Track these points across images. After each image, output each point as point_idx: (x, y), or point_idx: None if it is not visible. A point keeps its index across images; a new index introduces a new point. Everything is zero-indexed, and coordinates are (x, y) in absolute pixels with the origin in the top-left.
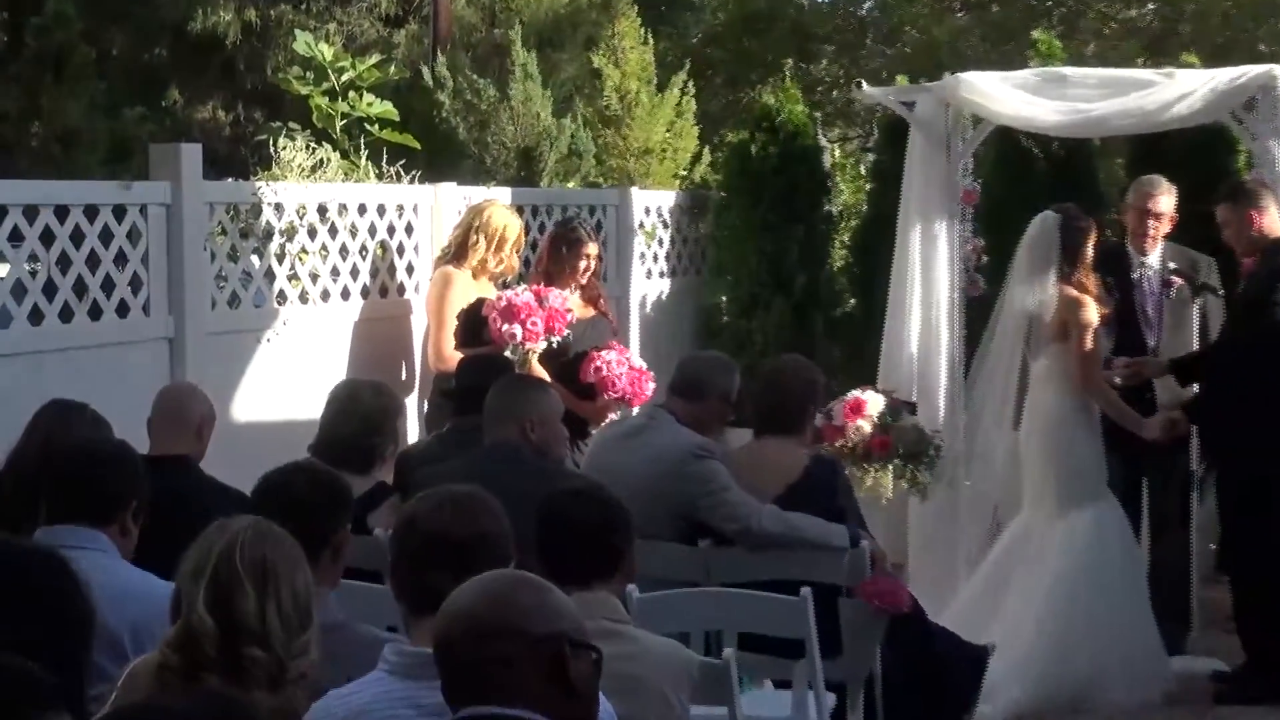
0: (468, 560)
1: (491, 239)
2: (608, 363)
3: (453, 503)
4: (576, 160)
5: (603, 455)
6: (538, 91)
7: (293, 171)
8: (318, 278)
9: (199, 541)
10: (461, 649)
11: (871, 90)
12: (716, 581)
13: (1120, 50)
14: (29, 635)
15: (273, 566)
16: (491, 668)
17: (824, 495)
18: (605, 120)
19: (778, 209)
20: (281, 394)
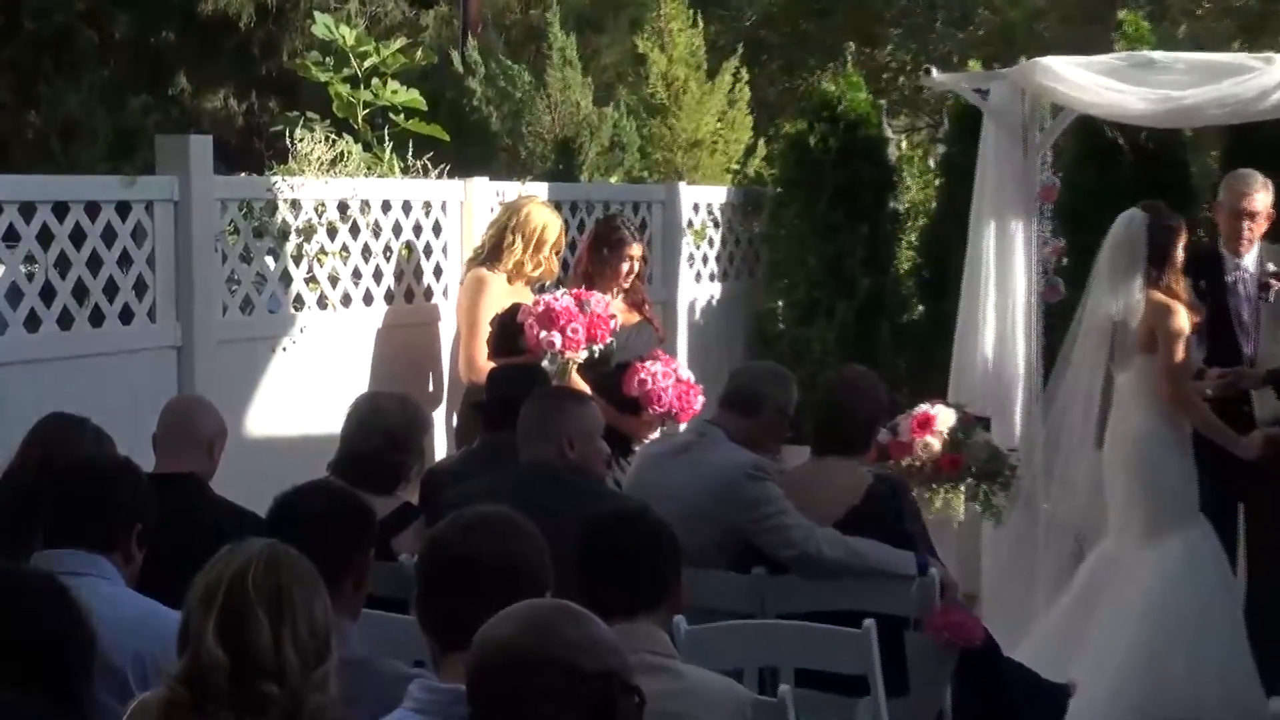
0: (501, 588)
1: (529, 239)
2: (653, 374)
3: (484, 525)
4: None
5: (648, 475)
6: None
7: (311, 165)
8: (338, 281)
9: (209, 567)
10: (500, 682)
11: (941, 76)
12: (772, 613)
13: (1214, 32)
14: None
15: (289, 594)
16: (533, 704)
17: (889, 519)
18: (650, 109)
19: (839, 206)
20: (298, 407)
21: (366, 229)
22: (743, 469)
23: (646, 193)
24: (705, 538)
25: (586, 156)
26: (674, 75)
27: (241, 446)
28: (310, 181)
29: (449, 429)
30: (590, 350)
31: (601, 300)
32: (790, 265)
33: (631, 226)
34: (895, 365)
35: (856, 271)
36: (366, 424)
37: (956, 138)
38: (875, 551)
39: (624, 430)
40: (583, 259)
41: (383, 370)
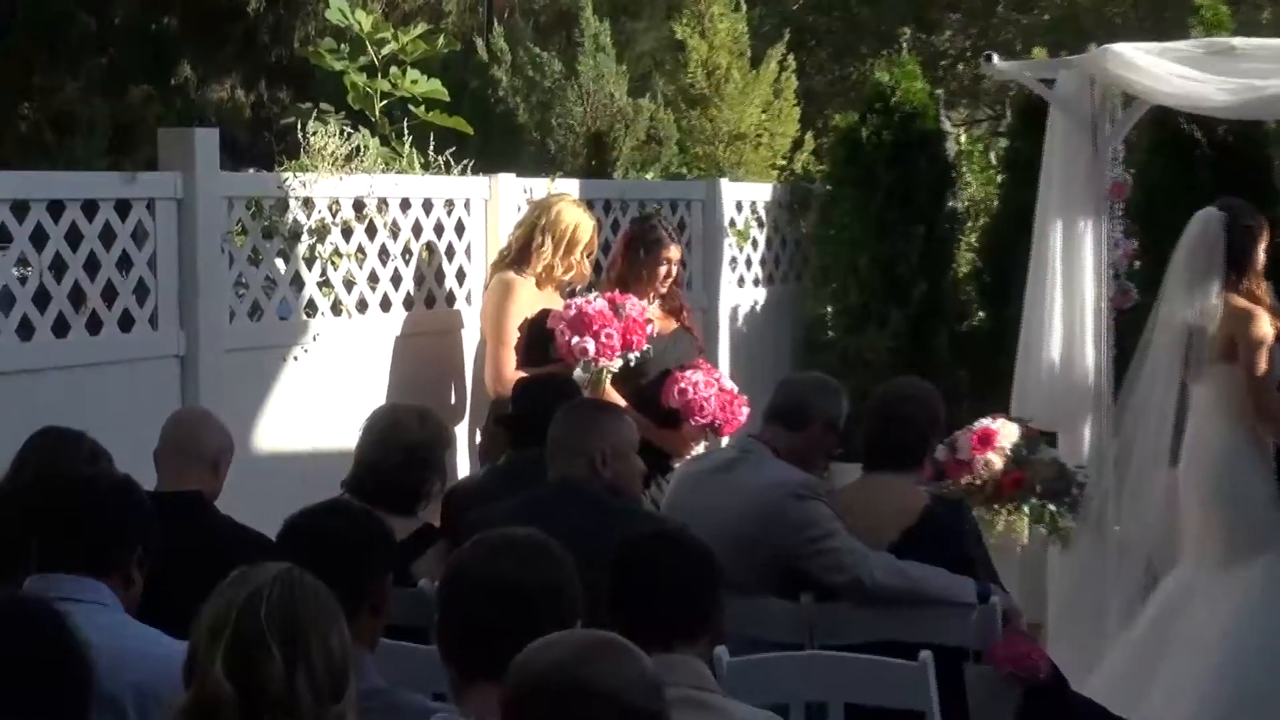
0: (529, 616)
1: (560, 240)
2: (693, 384)
3: (511, 548)
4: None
5: (687, 494)
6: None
7: (324, 161)
8: (353, 285)
9: (216, 594)
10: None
11: (1004, 65)
12: (820, 643)
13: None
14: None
15: (303, 624)
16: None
17: (947, 542)
18: (690, 100)
19: (893, 205)
20: (311, 421)
21: (384, 229)
22: (789, 488)
23: (685, 190)
24: (749, 562)
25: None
26: (715, 63)
27: (249, 463)
28: (324, 178)
29: (472, 444)
30: (625, 358)
31: (637, 304)
32: (840, 269)
33: (669, 227)
34: (954, 376)
35: (912, 275)
36: (384, 439)
37: (1020, 131)
38: (932, 577)
39: (662, 445)
40: (617, 262)
41: (402, 381)
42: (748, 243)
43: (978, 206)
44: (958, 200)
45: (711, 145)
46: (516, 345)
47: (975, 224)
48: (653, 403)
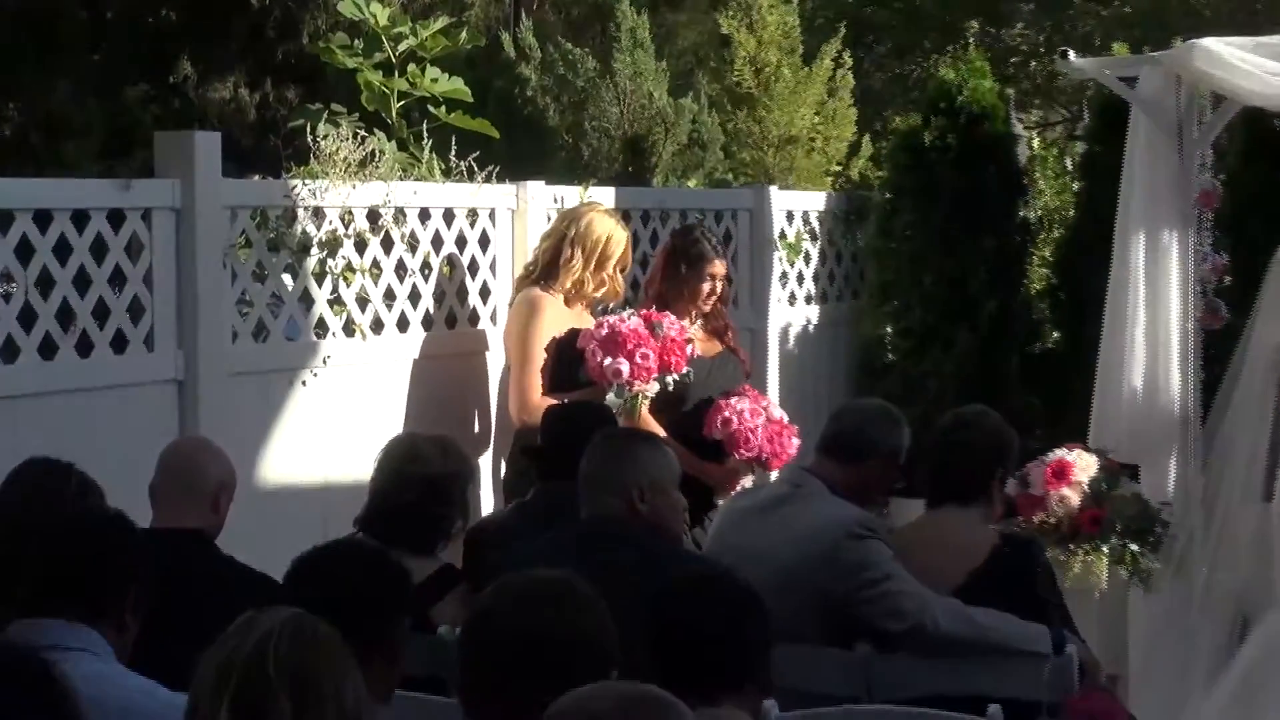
0: (560, 667)
1: (590, 253)
2: (739, 414)
3: (540, 592)
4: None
5: (733, 533)
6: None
7: (336, 166)
8: (367, 303)
9: (219, 642)
10: None
11: (1081, 62)
12: (879, 697)
13: None
14: None
15: (314, 675)
16: None
17: (1018, 585)
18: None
19: (959, 216)
20: (321, 452)
21: (401, 242)
22: (845, 526)
23: (731, 199)
24: (800, 607)
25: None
26: (764, 60)
27: (254, 498)
28: (335, 186)
29: (497, 478)
30: (663, 381)
31: (676, 323)
32: (901, 285)
33: (714, 239)
34: (1026, 403)
35: (980, 293)
36: (402, 472)
37: (1098, 134)
38: (1002, 625)
39: (705, 480)
40: (655, 278)
41: (420, 408)
42: (799, 257)
43: (1052, 217)
44: (1030, 210)
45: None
46: (543, 368)
47: (1049, 236)
48: (694, 433)
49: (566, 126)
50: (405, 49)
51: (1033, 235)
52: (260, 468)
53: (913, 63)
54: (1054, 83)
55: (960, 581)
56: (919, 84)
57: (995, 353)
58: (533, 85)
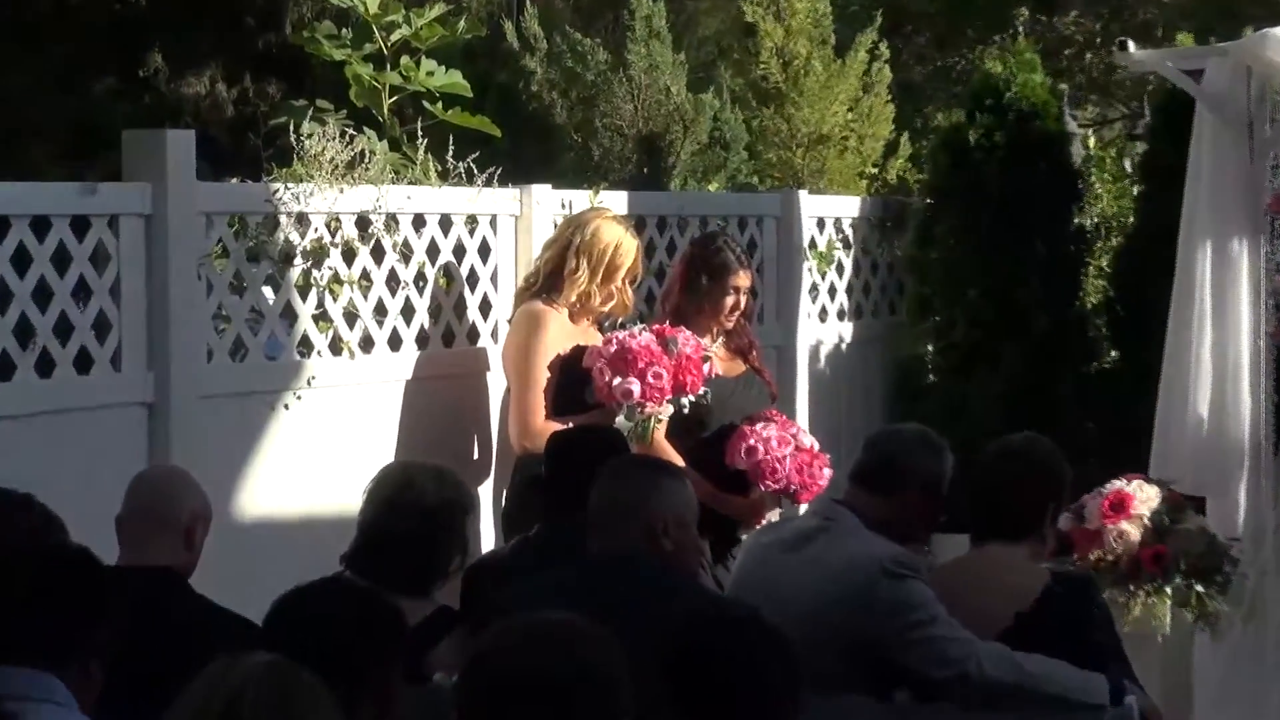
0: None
1: (597, 263)
2: (765, 441)
3: (545, 636)
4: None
5: (758, 571)
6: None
7: (322, 169)
8: (356, 319)
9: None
10: None
11: (1141, 54)
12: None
13: None
14: None
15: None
16: None
17: (1072, 629)
18: (762, 96)
19: (1007, 222)
20: (305, 482)
21: (393, 251)
22: (881, 564)
23: (757, 204)
24: (833, 653)
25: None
26: (793, 51)
27: (231, 532)
28: (321, 190)
29: (498, 510)
30: (678, 403)
31: (691, 338)
32: (943, 299)
33: (737, 248)
34: (1080, 429)
35: (1030, 307)
36: (394, 505)
37: (1161, 133)
38: (1054, 672)
39: (727, 513)
40: (673, 291)
41: (414, 434)
42: (831, 267)
43: (1109, 224)
44: (1085, 217)
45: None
46: (546, 389)
47: (1106, 245)
48: (715, 462)
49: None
50: (398, 39)
51: (1088, 244)
52: (238, 499)
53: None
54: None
55: (1008, 625)
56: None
57: (1047, 373)
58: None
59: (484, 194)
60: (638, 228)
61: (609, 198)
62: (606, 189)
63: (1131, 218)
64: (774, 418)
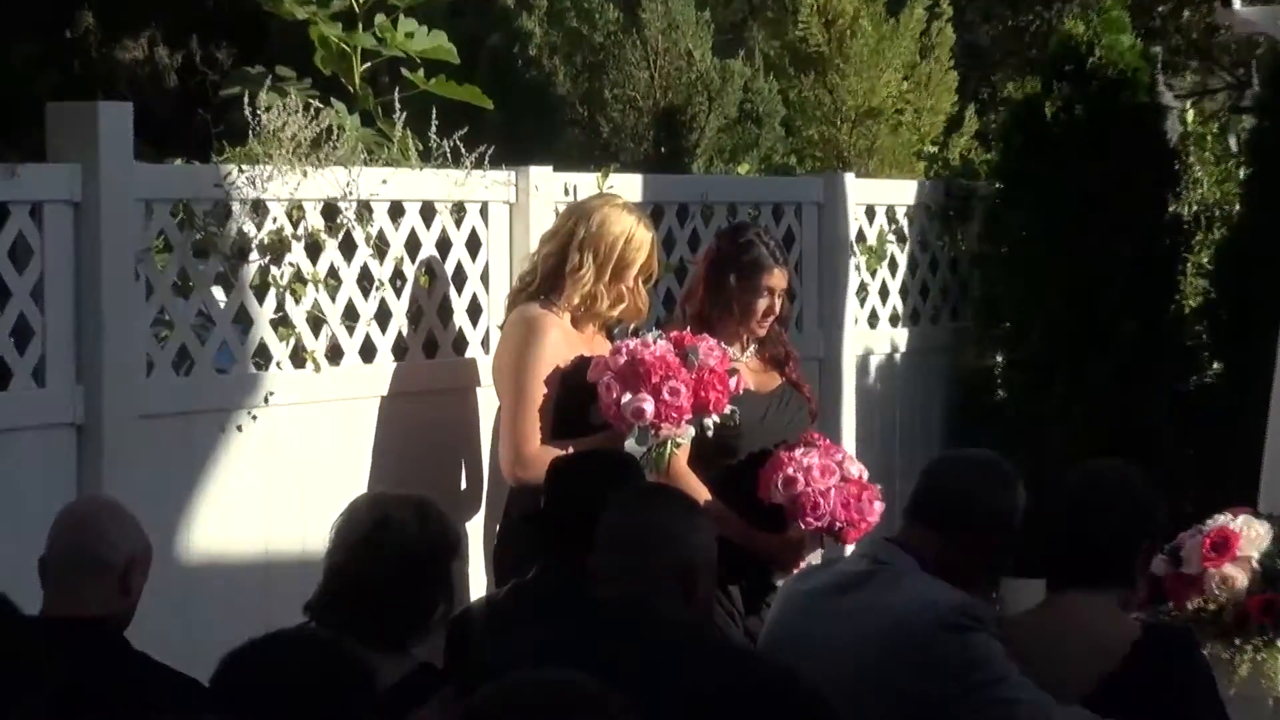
0: None
1: (605, 259)
2: (806, 470)
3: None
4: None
5: (796, 622)
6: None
7: (282, 148)
8: (322, 324)
9: None
10: None
11: (1248, 11)
12: None
13: None
14: None
15: None
16: None
17: (1167, 691)
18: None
19: (1090, 211)
20: (261, 517)
21: (366, 245)
22: (942, 614)
23: (794, 190)
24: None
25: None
26: (837, 10)
27: (175, 577)
28: (282, 172)
29: (489, 552)
30: (700, 424)
31: (715, 347)
32: (1015, 301)
33: (771, 241)
34: (1177, 455)
35: (1117, 311)
36: (367, 544)
37: (1271, 106)
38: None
39: (760, 554)
40: (695, 292)
41: (391, 461)
42: (883, 264)
43: (1211, 213)
44: (1182, 204)
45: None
46: (543, 408)
47: (1207, 238)
48: (746, 495)
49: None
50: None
51: (1186, 237)
52: (183, 538)
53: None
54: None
55: (1091, 687)
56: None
57: (1136, 390)
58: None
59: (473, 178)
60: (654, 217)
61: (620, 182)
62: (617, 171)
63: (1237, 205)
64: (815, 442)
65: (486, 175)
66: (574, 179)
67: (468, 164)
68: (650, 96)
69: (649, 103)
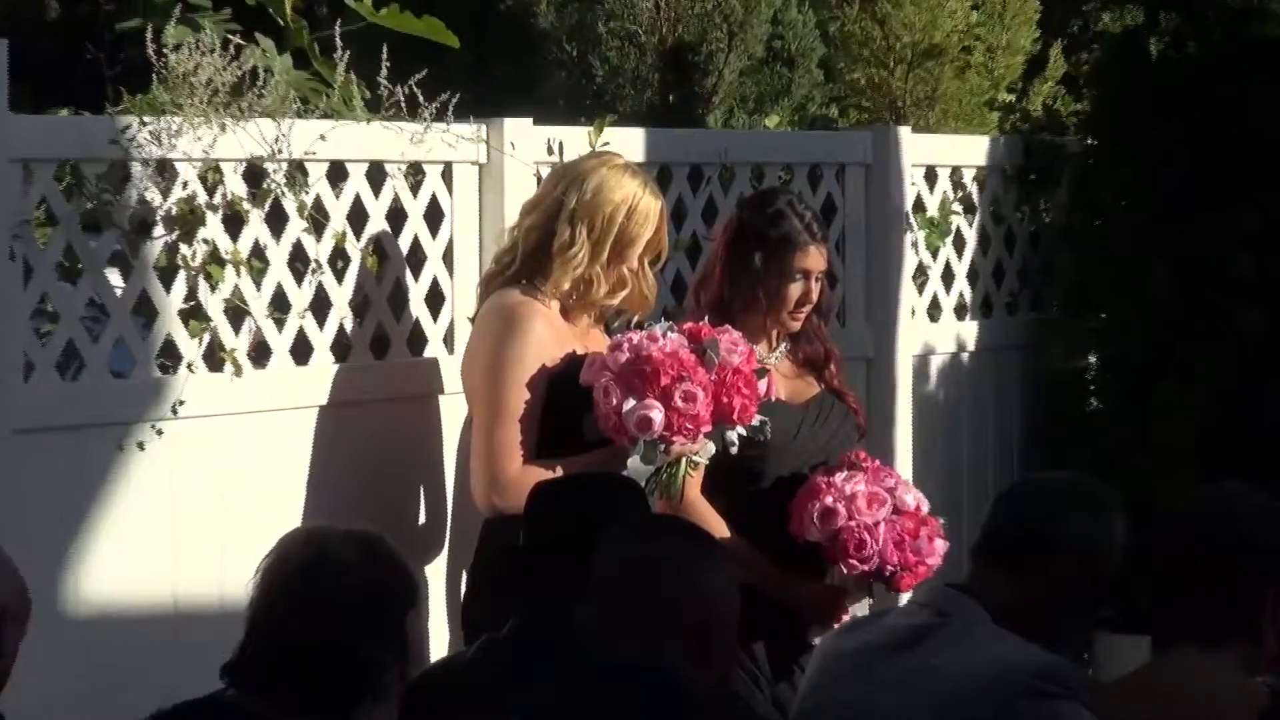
0: None
1: (603, 235)
2: (849, 499)
3: None
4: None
5: (839, 690)
6: None
7: (195, 96)
8: (244, 316)
9: None
10: None
11: None
12: None
13: None
14: None
15: None
16: None
17: None
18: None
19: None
20: (168, 556)
21: (299, 217)
22: (1022, 679)
23: (836, 147)
24: None
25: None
26: None
27: (59, 631)
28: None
29: (454, 600)
30: (722, 439)
31: (738, 342)
32: (1113, 286)
33: (807, 212)
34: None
35: (1239, 297)
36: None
37: None
38: None
39: (793, 603)
40: (712, 276)
41: (332, 486)
42: (947, 241)
43: None
44: None
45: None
46: (526, 418)
47: None
48: (775, 530)
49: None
50: None
51: None
52: (70, 583)
53: None
54: None
55: None
56: None
57: (1263, 396)
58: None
59: (433, 132)
60: (660, 181)
61: (618, 137)
62: (614, 125)
63: None
64: (861, 464)
65: (450, 129)
66: (560, 134)
67: (427, 115)
68: (655, 31)
69: (653, 39)
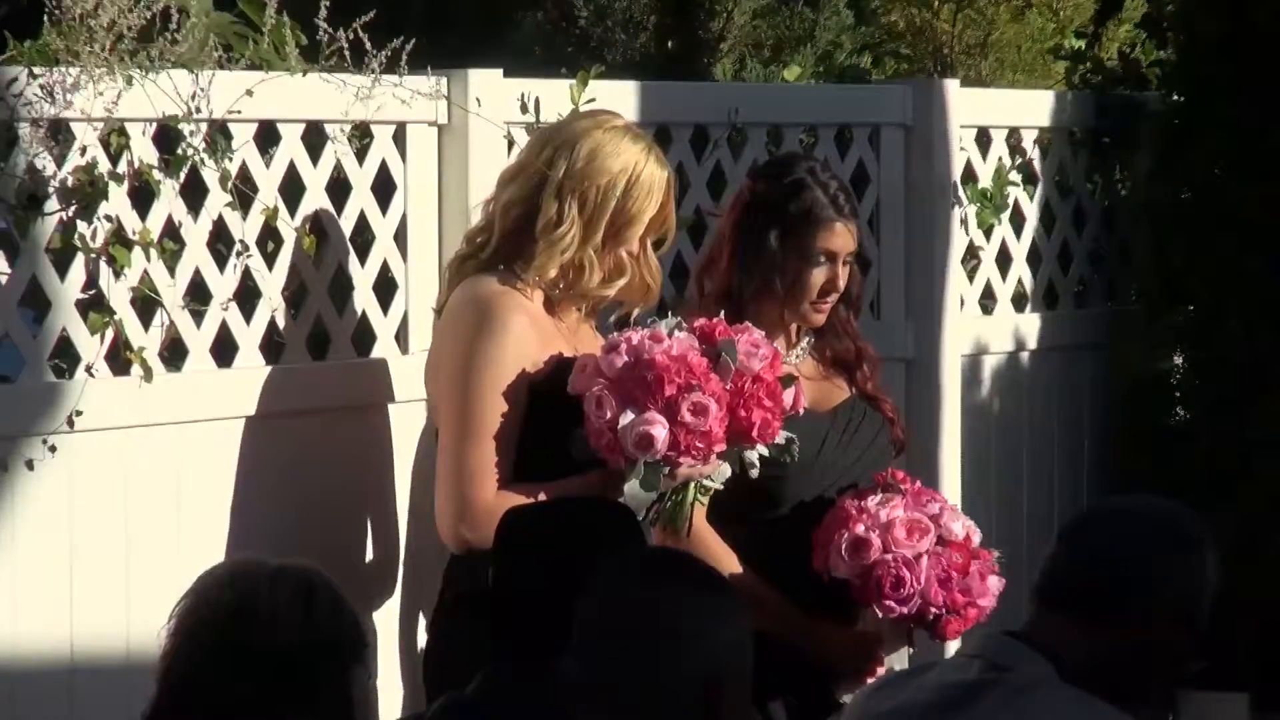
0: None
1: (597, 211)
2: (884, 527)
3: None
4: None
5: None
6: None
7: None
8: (155, 309)
9: None
10: None
11: None
12: None
13: None
14: None
15: None
16: None
17: None
18: None
19: None
20: (64, 594)
21: (222, 189)
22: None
23: (869, 105)
24: None
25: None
26: None
27: None
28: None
29: (410, 651)
30: (740, 459)
31: (759, 343)
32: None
33: (833, 184)
34: None
35: None
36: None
37: None
38: None
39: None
40: (720, 258)
41: (260, 513)
42: (1003, 218)
43: None
44: None
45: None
46: (501, 434)
47: None
48: (798, 566)
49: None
50: None
51: None
52: None
53: None
54: None
55: None
56: None
57: None
58: None
59: (383, 87)
60: (659, 143)
61: (605, 92)
62: (601, 77)
63: None
64: (900, 485)
65: (404, 83)
66: (536, 88)
67: (375, 66)
68: None
69: None
